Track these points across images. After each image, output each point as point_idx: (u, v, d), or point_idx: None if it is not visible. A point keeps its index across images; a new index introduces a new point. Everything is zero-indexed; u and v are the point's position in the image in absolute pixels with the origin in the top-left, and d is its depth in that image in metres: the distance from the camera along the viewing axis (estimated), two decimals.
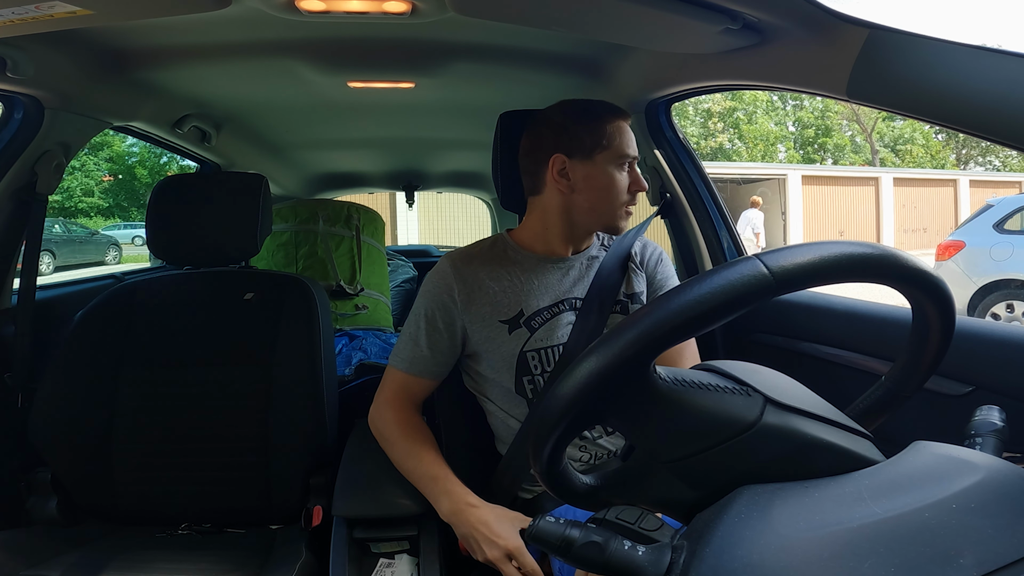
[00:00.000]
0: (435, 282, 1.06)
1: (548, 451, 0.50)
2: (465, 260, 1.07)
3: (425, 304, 1.06)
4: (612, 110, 1.05)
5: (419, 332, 1.05)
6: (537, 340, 1.03)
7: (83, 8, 0.84)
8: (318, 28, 1.21)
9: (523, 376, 1.03)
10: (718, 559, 0.40)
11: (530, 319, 1.04)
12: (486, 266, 1.06)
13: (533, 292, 1.05)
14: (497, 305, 1.04)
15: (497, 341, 1.03)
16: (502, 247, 1.09)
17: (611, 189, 1.03)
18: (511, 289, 1.05)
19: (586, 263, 1.10)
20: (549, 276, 1.06)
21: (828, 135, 24.08)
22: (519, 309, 1.04)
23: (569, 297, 1.06)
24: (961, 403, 0.92)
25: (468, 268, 1.05)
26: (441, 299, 1.04)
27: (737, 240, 1.52)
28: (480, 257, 1.07)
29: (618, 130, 1.04)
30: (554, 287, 1.06)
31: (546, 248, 1.08)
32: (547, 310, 1.04)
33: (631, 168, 1.05)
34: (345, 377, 1.70)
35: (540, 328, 1.03)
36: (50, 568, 1.06)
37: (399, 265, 2.79)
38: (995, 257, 5.23)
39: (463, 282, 1.04)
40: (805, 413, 0.48)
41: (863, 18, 0.78)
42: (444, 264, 1.07)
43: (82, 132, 1.40)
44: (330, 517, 1.04)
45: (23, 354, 1.29)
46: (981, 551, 0.37)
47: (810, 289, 0.71)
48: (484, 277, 1.05)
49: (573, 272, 1.08)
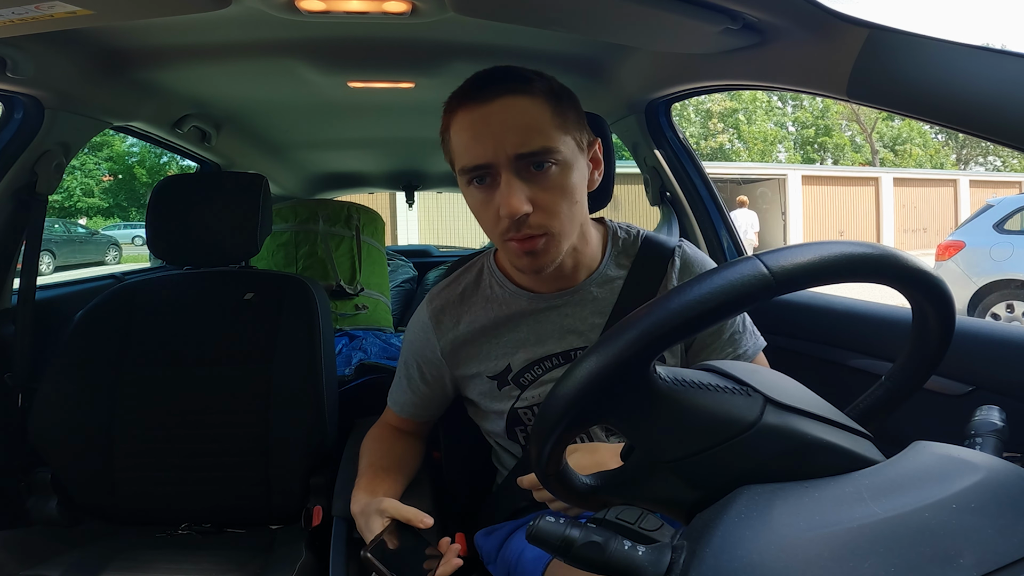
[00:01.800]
0: (416, 334, 0.96)
1: (548, 451, 0.50)
2: (444, 308, 0.94)
3: (411, 354, 0.97)
4: (460, 98, 0.77)
5: (408, 379, 0.99)
6: (528, 398, 0.90)
7: (83, 8, 0.84)
8: (318, 28, 1.21)
9: (515, 427, 0.94)
10: (718, 559, 0.40)
11: (518, 376, 0.90)
12: (469, 313, 0.92)
13: (522, 342, 0.89)
14: (484, 359, 0.91)
15: (489, 397, 0.93)
16: (488, 281, 0.94)
17: (479, 218, 0.81)
18: (497, 339, 0.90)
19: (594, 293, 0.89)
20: (542, 320, 0.89)
21: (828, 135, 24.08)
22: (507, 364, 0.90)
23: (564, 349, 0.88)
24: (961, 403, 0.92)
25: (447, 320, 0.93)
26: (424, 354, 0.95)
27: (737, 240, 1.52)
28: (462, 301, 0.93)
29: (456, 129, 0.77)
30: (547, 335, 0.88)
31: (535, 280, 0.89)
32: (538, 364, 0.89)
33: (495, 180, 0.75)
34: (345, 377, 1.70)
35: (530, 387, 0.90)
36: (50, 568, 1.06)
37: (399, 265, 2.79)
38: (995, 257, 5.23)
39: (444, 338, 0.93)
40: (805, 413, 0.48)
41: (863, 18, 0.78)
42: (423, 315, 0.95)
43: (82, 132, 1.40)
44: (330, 517, 1.04)
45: (23, 354, 1.29)
46: (981, 551, 0.37)
47: (810, 289, 0.71)
48: (465, 329, 0.92)
49: (574, 309, 0.89)
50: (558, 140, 0.76)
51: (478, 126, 0.75)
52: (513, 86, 0.76)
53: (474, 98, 0.76)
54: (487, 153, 0.75)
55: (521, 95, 0.75)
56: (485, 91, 0.75)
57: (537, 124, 0.75)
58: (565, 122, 0.77)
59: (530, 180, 0.75)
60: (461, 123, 0.77)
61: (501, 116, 0.74)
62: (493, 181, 0.76)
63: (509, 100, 0.75)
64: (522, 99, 0.75)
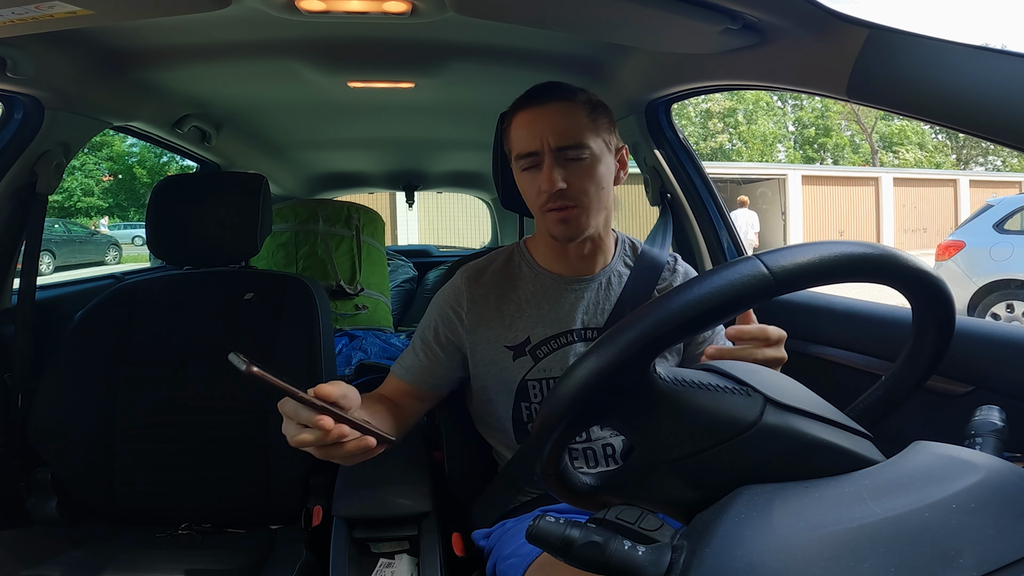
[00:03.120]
0: (446, 296, 1.04)
1: (548, 450, 0.50)
2: (478, 277, 1.04)
3: (433, 316, 1.04)
4: (517, 102, 0.98)
5: (422, 343, 1.04)
6: (540, 370, 1.00)
7: (83, 8, 0.84)
8: (318, 28, 1.21)
9: (522, 402, 1.01)
10: (718, 559, 0.40)
11: (536, 348, 1.00)
12: (498, 286, 1.03)
13: (543, 319, 1.01)
14: (505, 329, 1.01)
15: (500, 366, 1.01)
16: (518, 262, 1.06)
17: (525, 195, 0.99)
18: (520, 314, 1.01)
19: (606, 283, 1.04)
20: (562, 301, 1.02)
21: (828, 135, 24.09)
22: (527, 336, 1.00)
23: (579, 327, 1.01)
24: (961, 403, 0.92)
25: (479, 288, 1.03)
26: (447, 315, 1.03)
27: (737, 240, 1.52)
28: (493, 275, 1.04)
29: (515, 126, 0.97)
30: (565, 314, 1.01)
31: (559, 264, 1.03)
32: (555, 339, 1.00)
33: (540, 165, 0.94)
34: (345, 377, 1.70)
35: (545, 358, 1.00)
36: (50, 568, 1.06)
37: (399, 265, 2.79)
38: (995, 257, 5.23)
39: (473, 302, 1.02)
40: (805, 413, 0.48)
41: (863, 18, 0.78)
42: (458, 280, 1.04)
43: (82, 132, 1.40)
44: (330, 517, 1.04)
45: (23, 354, 1.29)
46: (981, 551, 0.37)
47: (810, 289, 0.71)
48: (494, 299, 1.02)
49: (589, 295, 1.02)
50: (589, 138, 0.94)
51: (531, 124, 0.95)
52: (560, 95, 0.96)
53: (530, 103, 0.96)
54: (535, 143, 0.94)
55: (565, 102, 0.95)
56: (540, 98, 0.96)
57: (575, 125, 0.94)
58: (597, 126, 0.96)
59: (566, 166, 0.93)
60: (519, 121, 0.96)
61: (549, 117, 0.94)
62: (539, 166, 0.94)
63: (556, 105, 0.95)
64: (565, 105, 0.95)
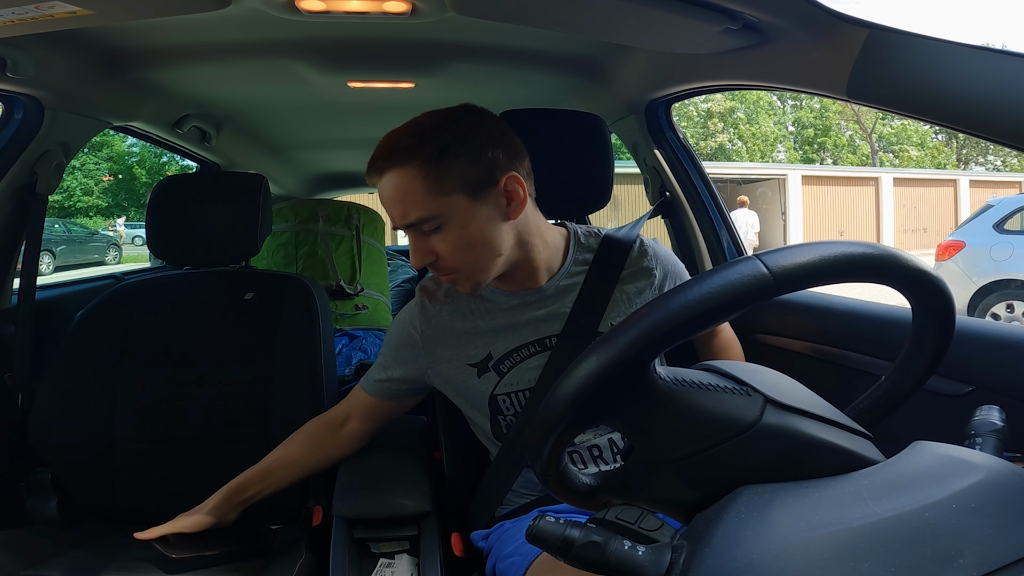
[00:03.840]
0: (404, 317, 1.04)
1: (548, 451, 0.50)
2: (433, 296, 1.02)
3: (393, 333, 1.05)
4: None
5: (384, 357, 1.05)
6: (508, 384, 0.97)
7: (83, 8, 0.84)
8: (318, 28, 1.21)
9: (497, 415, 1.00)
10: (718, 559, 0.40)
11: (498, 363, 0.97)
12: (452, 303, 1.00)
13: (501, 333, 0.98)
14: (464, 347, 0.98)
15: (467, 384, 0.99)
16: None
17: None
18: (478, 330, 0.98)
19: (558, 290, 0.98)
20: (518, 313, 0.98)
21: (826, 134, 24.08)
22: (487, 352, 0.98)
23: (539, 337, 0.97)
24: (961, 403, 0.92)
25: (435, 306, 1.01)
26: (406, 334, 1.02)
27: (737, 240, 1.52)
28: (445, 295, 1.01)
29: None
30: (523, 326, 0.98)
31: (503, 283, 0.98)
32: (516, 352, 0.97)
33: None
34: (345, 377, 1.70)
35: (509, 372, 0.97)
36: (50, 568, 1.06)
37: (399, 265, 2.79)
38: (995, 257, 5.23)
39: (428, 323, 1.00)
40: (805, 413, 0.48)
41: (863, 18, 0.78)
42: (415, 300, 1.04)
43: (82, 132, 1.40)
44: (330, 517, 1.04)
45: (23, 354, 1.29)
46: (981, 551, 0.37)
47: (810, 289, 0.71)
48: (448, 318, 1.00)
49: (546, 304, 0.98)
50: (434, 207, 0.84)
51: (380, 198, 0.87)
52: (393, 161, 0.84)
53: (370, 174, 0.87)
54: (393, 221, 0.88)
55: (398, 169, 0.83)
56: (374, 168, 0.86)
57: (412, 196, 0.83)
58: (442, 185, 0.83)
59: (427, 237, 0.86)
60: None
61: (386, 192, 0.86)
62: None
63: (388, 177, 0.84)
64: (397, 173, 0.84)
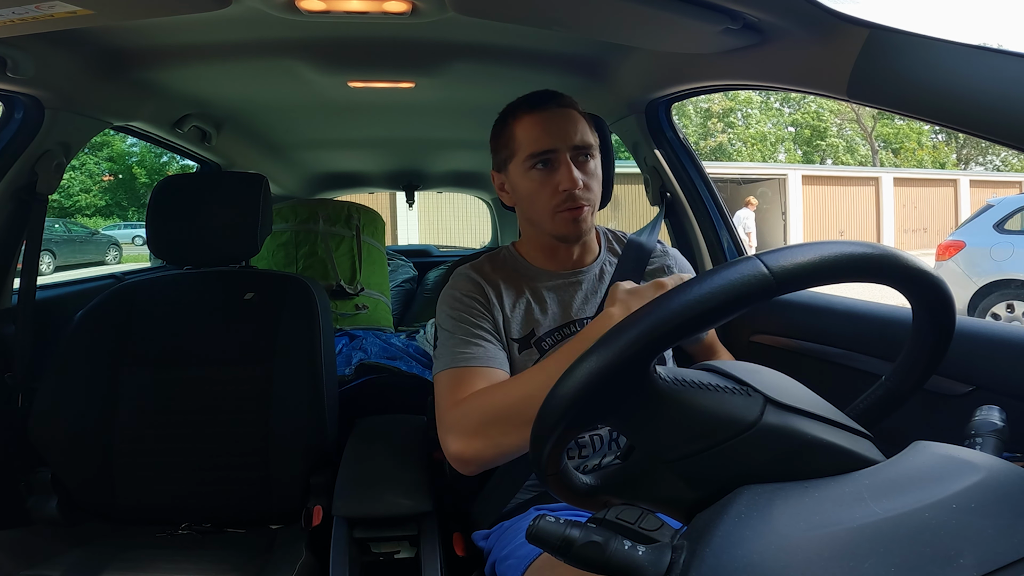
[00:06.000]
0: (463, 286, 1.01)
1: (548, 451, 0.50)
2: (479, 269, 1.04)
3: (459, 308, 0.99)
4: (519, 107, 1.00)
5: (472, 333, 0.96)
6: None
7: (83, 8, 0.84)
8: (318, 28, 1.21)
9: None
10: (718, 559, 0.40)
11: (540, 340, 1.00)
12: (499, 282, 1.03)
13: (545, 311, 1.01)
14: (510, 322, 1.00)
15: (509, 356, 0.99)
16: (511, 261, 1.07)
17: (531, 196, 0.98)
18: (522, 306, 1.01)
19: (596, 276, 1.06)
20: (560, 293, 1.03)
21: (823, 137, 24.07)
22: (531, 328, 1.00)
23: (580, 317, 1.02)
24: (961, 403, 0.92)
25: (484, 277, 1.02)
26: (474, 298, 1.00)
27: (737, 240, 1.52)
28: (493, 271, 1.04)
29: (523, 128, 0.98)
30: (565, 305, 1.02)
31: (552, 263, 1.05)
32: (558, 331, 1.01)
33: (557, 164, 0.96)
34: (345, 377, 1.70)
35: (550, 350, 0.99)
36: (50, 568, 1.06)
37: (399, 265, 2.79)
38: (995, 257, 5.23)
39: (491, 285, 1.01)
40: (805, 413, 0.48)
41: (863, 18, 0.78)
42: (463, 273, 1.03)
43: (82, 132, 1.40)
44: (330, 517, 1.04)
45: (23, 354, 1.29)
46: (981, 551, 0.37)
47: (810, 289, 0.71)
48: (495, 293, 1.02)
49: (585, 287, 1.04)
50: (593, 141, 1.00)
51: (546, 123, 0.97)
52: (567, 102, 1.01)
53: (539, 106, 0.98)
54: (553, 142, 0.96)
55: (571, 109, 1.00)
56: (550, 102, 0.99)
57: (584, 129, 0.99)
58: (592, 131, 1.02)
59: (578, 166, 0.97)
60: (530, 122, 0.98)
61: (564, 118, 0.98)
62: (553, 165, 0.96)
63: (566, 110, 0.99)
64: (572, 111, 1.00)
